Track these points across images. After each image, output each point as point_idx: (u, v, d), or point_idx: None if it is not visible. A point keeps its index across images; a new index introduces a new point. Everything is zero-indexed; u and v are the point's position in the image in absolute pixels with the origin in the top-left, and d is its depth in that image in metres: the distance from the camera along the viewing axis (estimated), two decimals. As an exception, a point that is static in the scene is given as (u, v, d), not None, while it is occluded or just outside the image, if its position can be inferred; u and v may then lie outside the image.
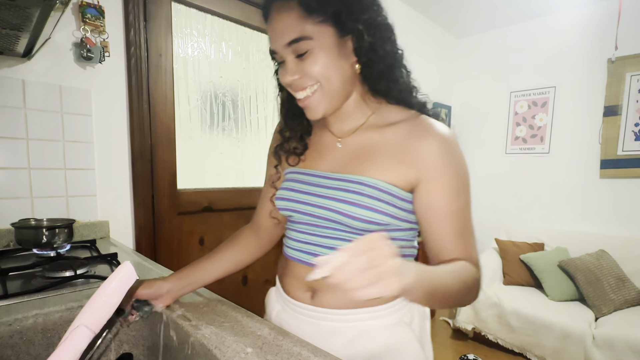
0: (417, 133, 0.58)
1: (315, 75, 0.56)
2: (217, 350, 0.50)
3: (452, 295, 0.51)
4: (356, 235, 0.60)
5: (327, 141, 0.67)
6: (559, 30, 2.78)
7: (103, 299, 0.47)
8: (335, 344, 0.60)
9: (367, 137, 0.62)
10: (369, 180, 0.58)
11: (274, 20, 0.56)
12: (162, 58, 1.41)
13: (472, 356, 1.79)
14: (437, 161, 0.56)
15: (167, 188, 1.47)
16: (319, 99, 0.58)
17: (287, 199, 0.65)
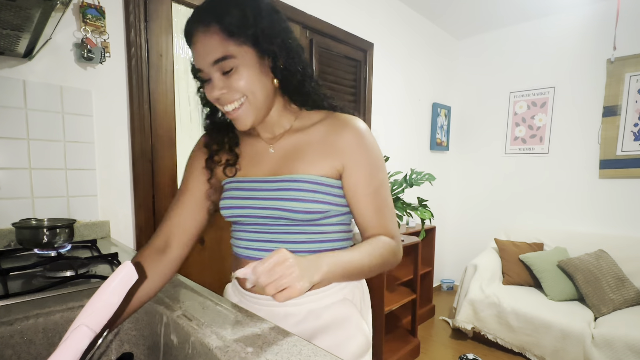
0: (335, 128, 0.68)
1: (241, 89, 0.62)
2: (217, 349, 0.50)
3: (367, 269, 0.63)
4: (300, 226, 0.67)
5: (260, 149, 0.73)
6: (559, 31, 2.78)
7: (104, 298, 0.47)
8: (287, 324, 0.67)
9: (294, 139, 0.70)
10: (302, 177, 0.66)
11: (199, 41, 0.61)
12: (163, 58, 1.41)
13: (471, 356, 1.79)
14: (353, 149, 0.66)
15: (168, 188, 1.47)
16: (246, 111, 0.64)
17: (233, 207, 0.70)
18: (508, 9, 2.73)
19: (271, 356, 0.48)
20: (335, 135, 0.67)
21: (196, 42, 0.61)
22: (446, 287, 3.44)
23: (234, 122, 0.66)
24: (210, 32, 0.59)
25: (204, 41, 0.60)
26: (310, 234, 0.68)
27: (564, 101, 2.79)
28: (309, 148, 0.68)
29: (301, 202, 0.64)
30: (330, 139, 0.67)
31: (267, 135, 0.73)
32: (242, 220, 0.71)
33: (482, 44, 3.21)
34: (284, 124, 0.72)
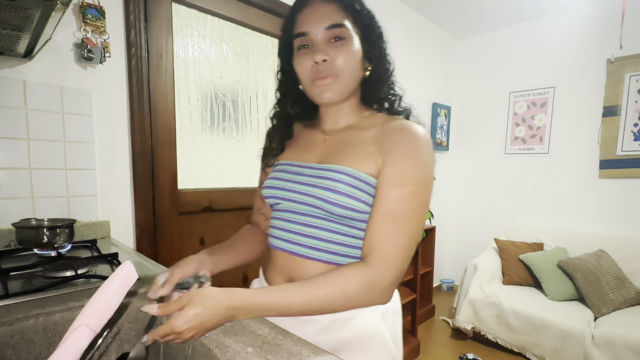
0: (392, 128, 0.65)
1: (342, 62, 0.63)
2: (217, 349, 0.50)
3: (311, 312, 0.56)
4: (335, 224, 0.63)
5: (316, 138, 0.73)
6: (558, 31, 2.78)
7: (104, 298, 0.47)
8: (309, 331, 0.63)
9: (351, 134, 0.69)
10: (345, 169, 0.62)
11: (317, 5, 0.64)
12: (163, 58, 1.41)
13: (471, 355, 1.79)
14: (398, 146, 0.61)
15: (168, 188, 1.47)
16: (336, 85, 0.64)
17: (273, 187, 0.70)
18: (508, 9, 2.73)
19: (271, 356, 0.48)
20: (387, 135, 0.64)
21: (312, 6, 0.64)
22: (446, 287, 3.44)
23: (318, 92, 0.65)
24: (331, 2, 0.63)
25: (324, 7, 0.63)
26: (343, 234, 0.63)
27: (564, 101, 2.79)
28: (359, 144, 0.65)
29: (339, 194, 0.60)
30: (383, 137, 0.64)
31: (329, 126, 0.72)
32: (279, 204, 0.69)
33: (482, 43, 3.21)
34: (349, 119, 0.71)
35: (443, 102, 3.23)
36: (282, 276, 0.68)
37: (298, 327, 0.63)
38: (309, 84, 0.66)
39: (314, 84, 0.65)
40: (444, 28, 3.08)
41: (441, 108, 3.16)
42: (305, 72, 0.65)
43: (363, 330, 0.62)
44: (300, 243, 0.65)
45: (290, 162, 0.72)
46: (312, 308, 0.54)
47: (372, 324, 0.63)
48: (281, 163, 0.74)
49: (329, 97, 0.65)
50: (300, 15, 0.65)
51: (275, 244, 0.69)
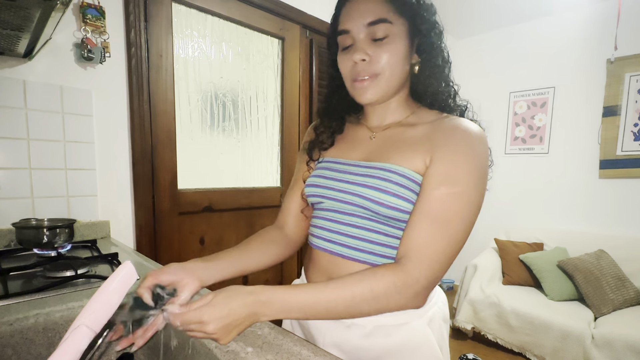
0: (444, 126, 0.60)
1: (383, 62, 0.59)
2: (217, 349, 0.50)
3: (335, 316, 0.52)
4: (380, 224, 0.60)
5: (362, 135, 0.70)
6: (558, 31, 2.78)
7: (104, 298, 0.47)
8: (351, 335, 0.60)
9: (399, 131, 0.65)
10: (394, 167, 0.59)
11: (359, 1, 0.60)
12: (163, 58, 1.41)
13: (471, 355, 1.79)
14: (448, 144, 0.57)
15: (168, 188, 1.47)
16: (376, 86, 0.61)
17: (317, 185, 0.67)
18: (508, 9, 2.73)
19: (271, 356, 0.48)
20: (439, 132, 0.59)
21: (355, 1, 0.60)
22: (446, 287, 3.44)
23: (358, 93, 0.63)
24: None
25: (365, 1, 0.59)
26: (387, 235, 0.60)
27: (564, 101, 2.79)
28: (409, 142, 0.61)
29: (387, 194, 0.57)
30: (435, 134, 0.59)
31: (375, 123, 0.69)
32: (323, 203, 0.66)
33: (482, 43, 3.21)
34: (397, 116, 0.67)
35: (443, 102, 3.23)
36: (323, 277, 0.66)
37: (340, 331, 0.61)
38: (350, 85, 0.64)
39: (353, 85, 0.63)
40: (444, 28, 3.08)
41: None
42: (345, 72, 0.63)
43: (409, 338, 0.59)
44: (343, 243, 0.63)
45: (335, 160, 0.69)
46: (338, 309, 0.51)
47: (419, 331, 0.59)
48: (325, 160, 0.70)
49: (369, 97, 0.62)
50: (344, 10, 0.62)
51: (317, 244, 0.67)
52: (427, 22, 0.63)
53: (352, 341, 0.59)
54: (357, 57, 0.60)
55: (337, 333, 0.61)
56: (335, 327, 0.61)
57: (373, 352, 0.59)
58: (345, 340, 0.60)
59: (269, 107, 1.89)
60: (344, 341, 0.60)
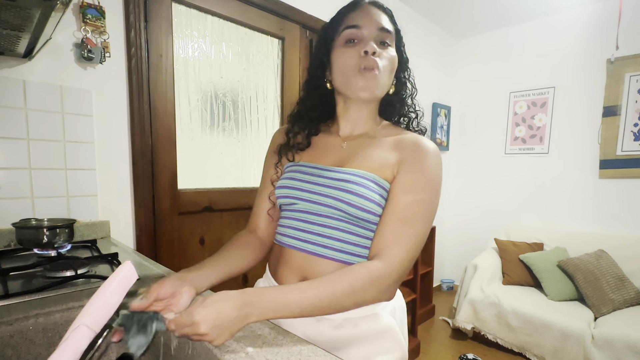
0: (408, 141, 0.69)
1: (386, 64, 0.67)
2: (217, 349, 0.50)
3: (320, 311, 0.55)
4: (351, 225, 0.66)
5: (333, 143, 0.75)
6: (558, 31, 2.78)
7: (104, 298, 0.47)
8: (323, 327, 0.65)
9: (368, 142, 0.71)
10: (365, 174, 0.65)
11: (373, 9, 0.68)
12: (163, 58, 1.41)
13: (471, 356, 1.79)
14: (413, 158, 0.66)
15: (168, 188, 1.47)
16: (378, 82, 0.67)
17: (290, 187, 0.70)
18: (508, 9, 2.73)
19: (271, 356, 0.48)
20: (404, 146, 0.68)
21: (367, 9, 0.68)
22: (446, 287, 3.44)
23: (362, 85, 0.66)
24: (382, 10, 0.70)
25: (377, 11, 0.68)
26: (359, 236, 0.66)
27: (564, 101, 2.79)
28: (378, 151, 0.69)
29: (359, 197, 0.63)
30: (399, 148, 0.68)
31: (347, 132, 0.75)
32: (295, 205, 0.70)
33: (482, 43, 3.21)
34: (367, 127, 0.74)
35: (443, 102, 3.23)
36: (296, 274, 0.69)
37: (311, 325, 0.65)
38: (352, 74, 0.67)
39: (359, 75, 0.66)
40: (444, 28, 3.08)
41: (441, 108, 3.16)
42: (351, 63, 0.66)
43: (375, 327, 0.65)
44: (316, 242, 0.67)
45: (306, 164, 0.72)
46: (323, 304, 0.55)
47: (383, 319, 0.66)
48: (295, 164, 0.74)
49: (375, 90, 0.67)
50: (352, 14, 0.68)
51: (289, 243, 0.70)
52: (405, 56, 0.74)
53: (323, 333, 0.64)
54: (370, 48, 0.64)
55: (308, 327, 0.65)
56: (306, 322, 0.65)
57: (343, 340, 0.64)
58: (317, 332, 0.64)
59: (269, 107, 1.89)
60: (315, 333, 0.64)
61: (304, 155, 0.75)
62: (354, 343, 0.64)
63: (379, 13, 0.68)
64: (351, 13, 0.69)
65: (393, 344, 0.66)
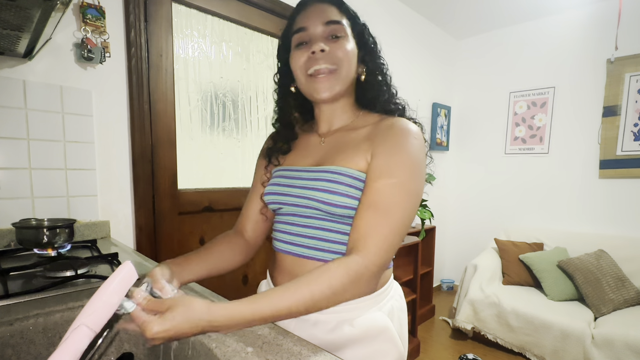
0: (383, 125, 0.66)
1: (340, 57, 0.65)
2: (217, 349, 0.50)
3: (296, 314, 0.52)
4: (335, 223, 0.65)
5: (313, 142, 0.75)
6: (558, 31, 2.78)
7: (104, 298, 0.47)
8: (318, 331, 0.64)
9: (344, 135, 0.70)
10: (339, 169, 0.64)
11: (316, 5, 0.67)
12: (163, 58, 1.41)
13: (471, 356, 1.79)
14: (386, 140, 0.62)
15: (168, 188, 1.47)
16: (333, 80, 0.65)
17: (274, 193, 0.71)
18: (508, 9, 2.73)
19: (271, 356, 0.48)
20: (377, 130, 0.65)
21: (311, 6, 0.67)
22: (446, 287, 3.44)
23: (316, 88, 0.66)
24: (329, 4, 0.67)
25: (322, 6, 0.67)
26: (344, 233, 0.64)
27: (564, 101, 2.79)
28: (353, 143, 0.67)
29: (335, 194, 0.61)
30: (373, 133, 0.65)
31: (325, 129, 0.74)
32: (282, 209, 0.70)
33: (482, 43, 3.21)
34: (343, 120, 0.73)
35: (443, 102, 3.23)
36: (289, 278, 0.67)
37: (306, 329, 0.65)
38: (304, 79, 0.67)
39: (309, 80, 0.66)
40: (444, 28, 3.08)
41: (441, 108, 3.16)
42: (300, 66, 0.67)
43: (370, 327, 0.64)
44: (304, 245, 0.67)
45: (289, 168, 0.73)
46: (299, 310, 0.52)
47: (379, 321, 0.65)
48: (281, 169, 0.74)
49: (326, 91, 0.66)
50: (300, 16, 0.68)
51: (280, 247, 0.71)
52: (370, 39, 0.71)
53: (318, 336, 0.64)
54: (316, 47, 0.64)
55: (303, 331, 0.65)
56: (301, 327, 0.65)
57: (338, 343, 0.63)
58: (312, 336, 0.64)
59: (269, 107, 1.89)
60: (310, 337, 0.64)
61: (288, 158, 0.76)
62: (350, 345, 0.64)
63: (323, 8, 0.67)
64: (298, 16, 0.69)
65: (389, 346, 0.65)
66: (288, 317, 0.53)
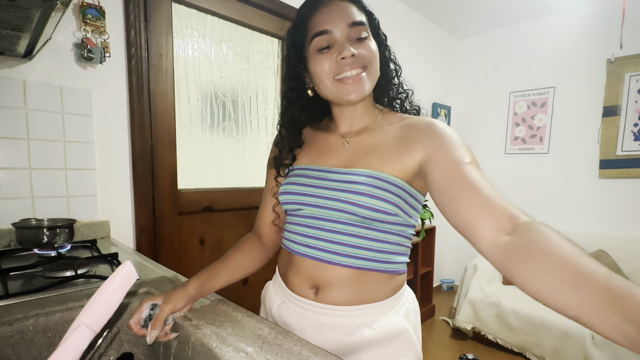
0: (416, 125, 0.64)
1: (369, 59, 0.62)
2: (217, 349, 0.50)
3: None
4: (360, 227, 0.62)
5: (334, 142, 0.71)
6: (558, 31, 2.78)
7: (104, 298, 0.47)
8: (337, 334, 0.63)
9: (373, 136, 0.67)
10: (375, 173, 0.61)
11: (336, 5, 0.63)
12: (163, 58, 1.41)
13: (471, 356, 1.79)
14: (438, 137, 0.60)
15: (168, 188, 1.47)
16: (366, 80, 0.63)
17: (295, 192, 0.67)
18: (508, 9, 2.73)
19: (271, 356, 0.48)
20: (415, 132, 0.62)
21: (330, 5, 0.62)
22: (446, 287, 3.44)
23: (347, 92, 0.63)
24: (349, 3, 0.63)
25: (344, 6, 0.62)
26: (370, 239, 0.62)
27: (564, 101, 2.79)
28: (385, 146, 0.64)
29: (372, 197, 0.59)
30: (410, 136, 0.63)
31: (346, 129, 0.71)
32: (302, 210, 0.67)
33: (482, 43, 3.21)
34: (365, 120, 0.70)
35: (443, 102, 3.23)
36: (307, 282, 0.67)
37: (324, 332, 0.63)
38: (332, 83, 0.63)
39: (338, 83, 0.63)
40: (444, 28, 3.08)
41: (441, 108, 3.16)
42: (326, 72, 0.62)
43: (390, 331, 0.64)
44: (327, 249, 0.64)
45: (309, 167, 0.69)
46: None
47: (398, 324, 0.65)
48: (299, 168, 0.71)
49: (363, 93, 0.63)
50: (316, 16, 0.63)
51: (299, 250, 0.67)
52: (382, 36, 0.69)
53: (337, 339, 0.63)
54: (346, 53, 0.60)
55: (321, 335, 0.63)
56: (320, 330, 0.63)
57: (357, 346, 0.63)
58: (331, 339, 0.63)
59: (269, 107, 1.89)
60: (329, 340, 0.63)
61: (304, 157, 0.72)
62: (369, 347, 0.63)
63: (344, 6, 0.62)
64: (315, 15, 0.63)
65: (408, 347, 0.65)
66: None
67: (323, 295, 0.64)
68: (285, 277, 0.71)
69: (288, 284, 0.70)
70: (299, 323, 0.66)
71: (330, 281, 0.64)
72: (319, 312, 0.64)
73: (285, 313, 0.68)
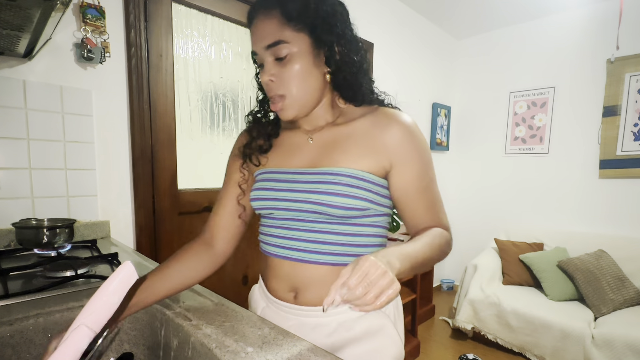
0: (381, 122, 0.65)
1: (290, 80, 0.61)
2: (217, 349, 0.50)
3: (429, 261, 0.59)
4: (335, 224, 0.63)
5: (298, 140, 0.70)
6: (558, 31, 2.78)
7: (104, 298, 0.47)
8: (318, 335, 0.65)
9: (336, 132, 0.67)
10: (343, 170, 0.62)
11: (258, 24, 0.61)
12: (163, 58, 1.41)
13: (471, 356, 1.79)
14: (403, 147, 0.63)
15: (168, 188, 1.47)
16: (289, 105, 0.63)
17: (265, 198, 0.67)
18: (508, 9, 2.73)
19: (271, 356, 0.48)
20: (381, 130, 0.63)
21: (255, 25, 0.61)
22: (446, 287, 3.44)
23: (278, 113, 0.65)
24: (271, 15, 0.59)
25: (262, 25, 0.60)
26: (345, 234, 0.63)
27: (564, 101, 2.79)
28: (351, 141, 0.64)
29: (341, 196, 0.60)
30: (376, 133, 0.64)
31: (308, 127, 0.70)
32: (274, 214, 0.67)
33: (482, 43, 3.21)
34: (327, 117, 0.69)
35: (443, 102, 3.23)
36: (287, 285, 0.67)
37: (306, 333, 0.65)
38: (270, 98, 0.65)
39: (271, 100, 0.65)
40: (444, 28, 3.08)
41: (441, 108, 3.16)
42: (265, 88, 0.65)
43: (369, 327, 0.65)
44: (302, 249, 0.64)
45: (276, 170, 0.68)
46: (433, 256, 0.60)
47: (377, 319, 0.66)
48: (265, 172, 0.69)
49: (288, 116, 0.64)
50: (251, 32, 0.63)
51: (275, 252, 0.68)
52: (330, 32, 0.61)
53: (319, 340, 0.64)
54: (265, 79, 0.62)
55: (303, 335, 0.64)
56: (302, 332, 0.65)
57: (336, 345, 0.64)
58: (313, 340, 0.64)
59: (269, 107, 1.89)
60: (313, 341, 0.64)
61: (271, 158, 0.71)
62: (350, 345, 0.64)
63: (264, 25, 0.60)
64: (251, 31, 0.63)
65: (388, 341, 0.66)
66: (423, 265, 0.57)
67: (302, 298, 0.66)
68: (266, 282, 0.72)
69: (269, 289, 0.71)
70: (282, 325, 0.67)
71: (309, 281, 0.65)
72: (300, 314, 0.66)
73: (269, 315, 0.70)
